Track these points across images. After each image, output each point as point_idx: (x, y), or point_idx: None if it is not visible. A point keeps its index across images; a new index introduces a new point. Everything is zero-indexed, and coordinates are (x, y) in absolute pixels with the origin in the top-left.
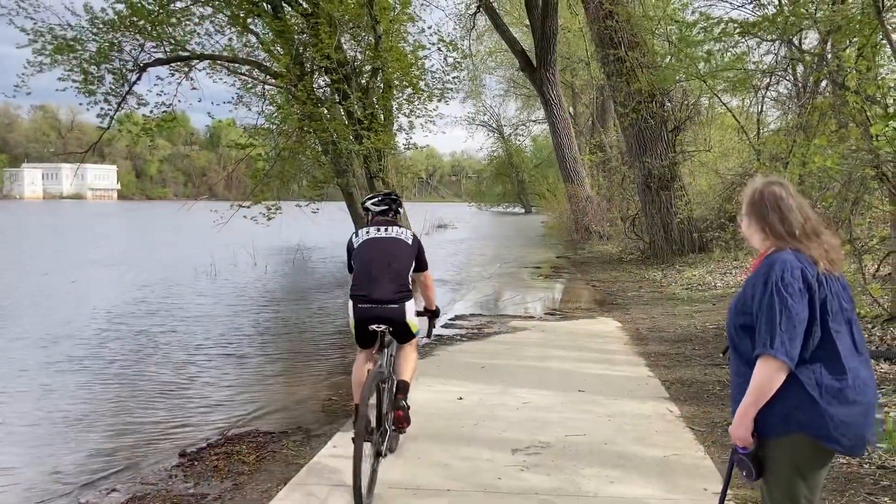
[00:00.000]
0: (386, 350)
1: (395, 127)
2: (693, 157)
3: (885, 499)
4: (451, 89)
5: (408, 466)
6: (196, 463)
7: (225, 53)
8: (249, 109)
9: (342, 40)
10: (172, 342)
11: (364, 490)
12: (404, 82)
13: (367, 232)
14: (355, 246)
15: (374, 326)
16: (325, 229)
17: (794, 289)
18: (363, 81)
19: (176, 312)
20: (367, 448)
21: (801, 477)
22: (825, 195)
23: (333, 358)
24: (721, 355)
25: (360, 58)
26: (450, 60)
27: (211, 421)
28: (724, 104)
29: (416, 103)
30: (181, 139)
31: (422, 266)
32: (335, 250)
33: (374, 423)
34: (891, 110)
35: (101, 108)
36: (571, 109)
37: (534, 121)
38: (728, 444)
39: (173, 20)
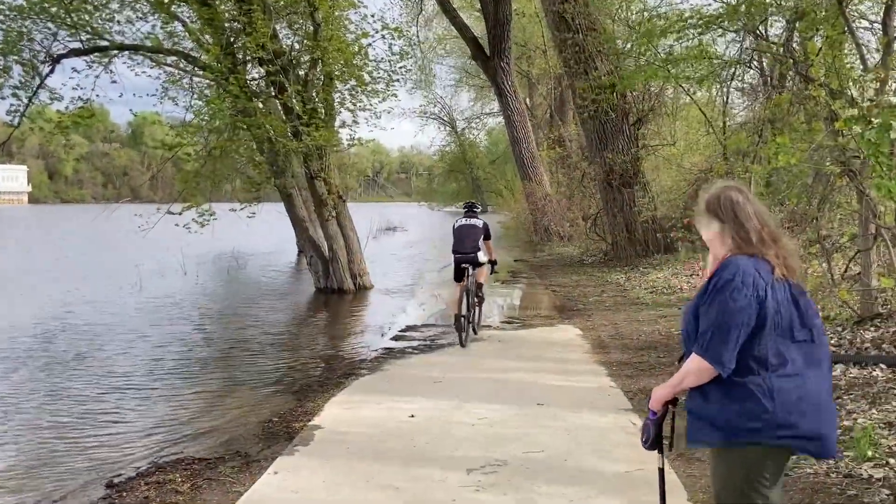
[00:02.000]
0: (466, 278)
1: (338, 122)
2: (657, 152)
3: None
4: (398, 80)
5: (356, 489)
6: (125, 494)
7: (148, 43)
8: (176, 104)
9: (278, 28)
10: (95, 365)
11: (467, 341)
12: (346, 74)
13: (459, 220)
14: (455, 227)
15: (463, 265)
16: (262, 234)
17: (742, 294)
18: (301, 73)
19: (97, 331)
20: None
21: (754, 488)
22: (791, 193)
23: (271, 375)
24: (677, 363)
25: (297, 47)
26: (395, 49)
27: (140, 448)
28: (690, 95)
29: (360, 96)
30: (100, 136)
31: (487, 237)
32: (274, 257)
33: (465, 312)
34: (858, 106)
35: (10, 105)
36: (528, 101)
37: (488, 113)
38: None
39: (90, 7)
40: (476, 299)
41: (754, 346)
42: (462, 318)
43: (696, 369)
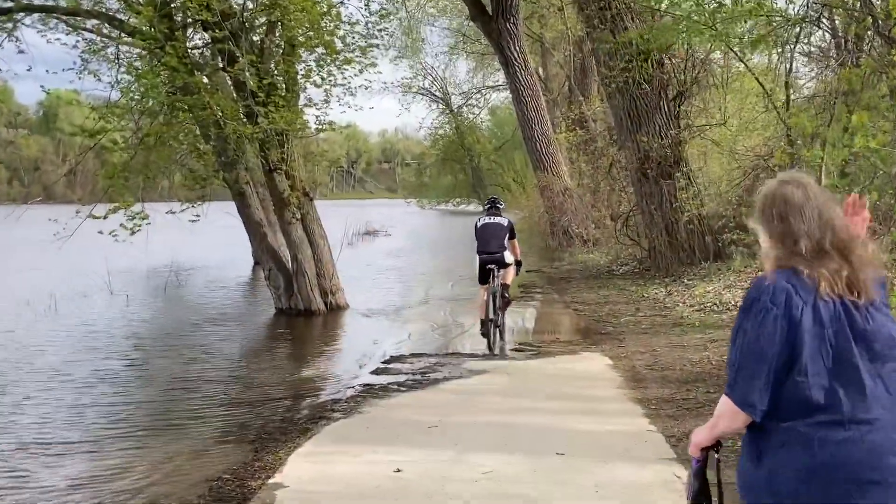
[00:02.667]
0: (493, 280)
1: (303, 100)
2: (703, 134)
3: None
4: (378, 47)
5: None
6: None
7: (63, 3)
8: (99, 79)
9: None
10: None
11: (495, 347)
12: (313, 40)
13: (482, 219)
14: (478, 227)
15: (489, 266)
16: (208, 241)
17: (770, 317)
18: (256, 39)
19: None
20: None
21: None
22: (872, 185)
23: (221, 420)
24: None
25: (251, 6)
26: (374, 7)
27: None
28: (743, 61)
29: (331, 67)
30: (2, 120)
31: (512, 236)
32: (223, 271)
33: (492, 316)
34: None
35: None
36: (541, 71)
37: (492, 87)
38: None
39: None
40: (502, 301)
41: (793, 383)
42: (489, 323)
43: (725, 411)
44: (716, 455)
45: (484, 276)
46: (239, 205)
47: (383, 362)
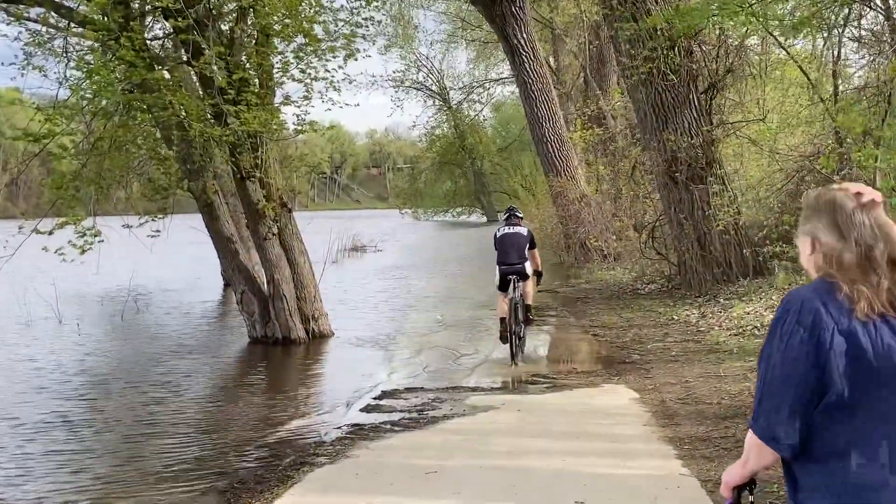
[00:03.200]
0: (513, 290)
1: (279, 98)
2: (739, 132)
3: None
4: (365, 35)
5: None
6: None
7: None
8: (45, 76)
9: None
10: None
11: (516, 354)
12: (291, 28)
13: (502, 229)
14: (497, 237)
15: (509, 277)
16: (171, 260)
17: (797, 339)
18: (225, 28)
19: None
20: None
21: None
22: None
23: (188, 468)
24: None
25: None
26: None
27: None
28: (784, 47)
29: (311, 59)
30: None
31: (532, 246)
32: (189, 294)
33: (514, 328)
34: None
35: None
36: (552, 61)
37: (496, 80)
38: None
39: None
40: (524, 315)
41: (823, 417)
42: (511, 334)
43: (752, 446)
44: (750, 497)
45: (504, 285)
46: (206, 218)
47: (374, 398)
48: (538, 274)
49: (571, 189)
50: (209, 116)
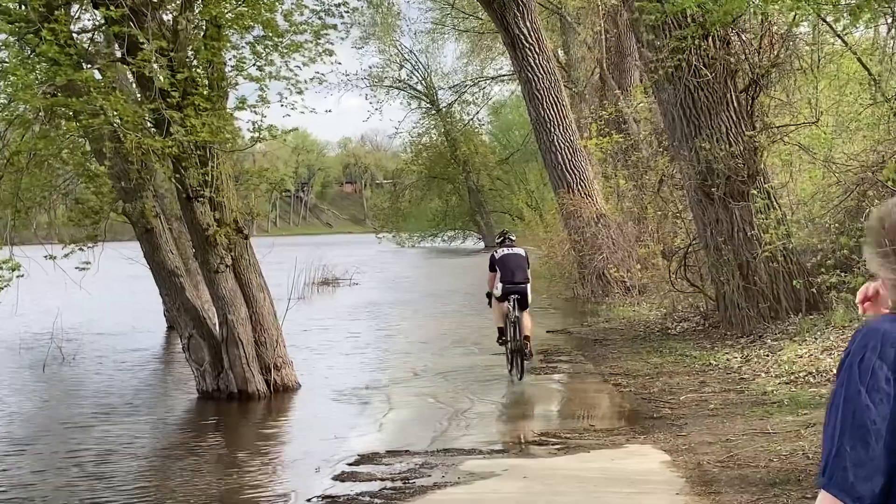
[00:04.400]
0: (513, 308)
1: (233, 102)
2: (788, 137)
3: None
4: (338, 26)
5: None
6: None
7: None
8: None
9: None
10: None
11: (517, 372)
12: (246, 17)
13: (501, 250)
14: (496, 257)
15: (513, 296)
16: (103, 297)
17: (877, 380)
18: (168, 19)
19: None
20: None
21: None
22: None
23: None
24: None
25: None
26: None
27: None
28: (841, 36)
29: (271, 55)
30: None
31: (529, 265)
32: (125, 339)
33: (514, 344)
34: None
35: None
36: (561, 54)
37: (493, 77)
38: None
39: None
40: (527, 353)
41: None
42: (513, 354)
43: None
44: None
45: (505, 297)
46: (146, 247)
47: (349, 464)
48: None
49: (586, 208)
50: (149, 124)
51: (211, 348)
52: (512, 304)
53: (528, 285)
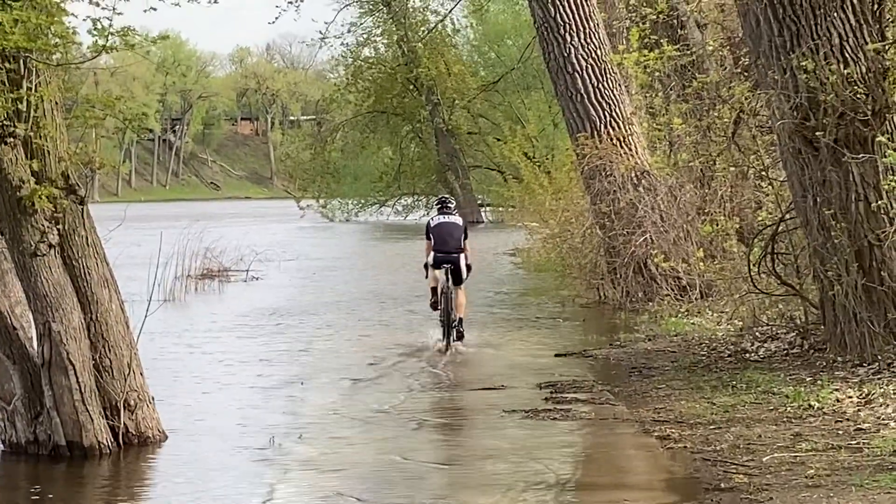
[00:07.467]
0: (447, 279)
1: None
2: None
3: None
4: None
5: None
6: None
7: None
8: None
9: None
10: None
11: (450, 341)
12: None
13: (435, 217)
14: (431, 225)
15: (444, 265)
16: None
17: None
18: None
19: None
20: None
21: None
22: None
23: None
24: None
25: None
26: None
27: None
28: None
29: None
30: None
31: (465, 237)
32: None
33: (448, 316)
34: None
35: None
36: None
37: None
38: None
39: None
40: (457, 335)
41: None
42: (448, 326)
43: None
44: None
45: (437, 266)
46: None
47: None
48: (468, 267)
49: (620, 161)
50: None
51: (24, 376)
52: (445, 273)
53: (462, 257)
